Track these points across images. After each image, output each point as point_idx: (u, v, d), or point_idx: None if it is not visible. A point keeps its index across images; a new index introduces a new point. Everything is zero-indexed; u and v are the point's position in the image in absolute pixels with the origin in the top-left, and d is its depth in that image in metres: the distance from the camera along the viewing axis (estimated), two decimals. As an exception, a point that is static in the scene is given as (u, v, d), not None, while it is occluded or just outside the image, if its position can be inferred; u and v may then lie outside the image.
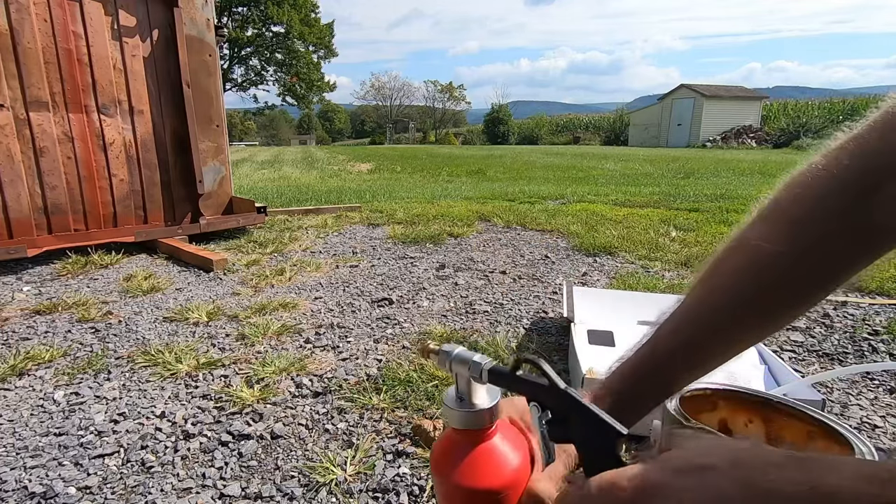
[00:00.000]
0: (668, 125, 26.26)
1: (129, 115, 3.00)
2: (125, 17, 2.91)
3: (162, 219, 3.20)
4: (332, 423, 1.24)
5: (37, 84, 2.64)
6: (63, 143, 2.77)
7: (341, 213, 4.29)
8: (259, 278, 2.42)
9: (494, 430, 0.42)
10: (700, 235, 3.26)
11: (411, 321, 1.89)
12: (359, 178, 8.58)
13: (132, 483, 1.04)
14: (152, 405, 1.32)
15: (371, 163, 13.19)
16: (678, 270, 2.52)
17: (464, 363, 0.41)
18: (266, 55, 40.19)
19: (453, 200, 5.05)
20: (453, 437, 0.42)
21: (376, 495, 1.00)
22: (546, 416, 0.39)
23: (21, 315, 1.98)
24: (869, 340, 1.70)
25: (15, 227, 2.64)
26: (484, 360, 0.41)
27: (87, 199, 2.88)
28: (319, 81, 41.62)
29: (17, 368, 1.50)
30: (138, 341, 1.73)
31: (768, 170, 8.90)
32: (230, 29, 35.88)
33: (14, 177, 2.61)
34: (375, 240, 3.30)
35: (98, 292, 2.25)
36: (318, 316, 1.96)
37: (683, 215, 4.02)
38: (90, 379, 1.47)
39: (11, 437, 1.20)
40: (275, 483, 1.04)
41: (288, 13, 36.93)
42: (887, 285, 2.21)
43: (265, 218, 3.49)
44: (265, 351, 1.64)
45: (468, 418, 0.41)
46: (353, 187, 6.72)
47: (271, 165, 12.34)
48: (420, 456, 1.11)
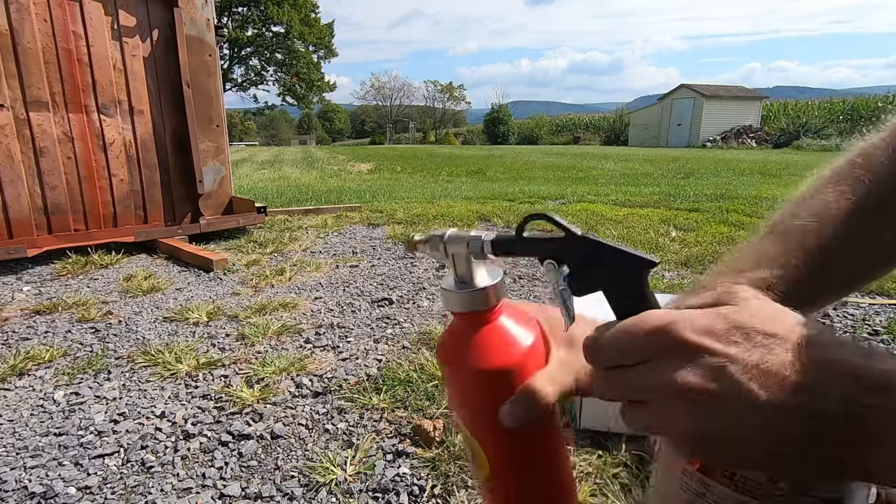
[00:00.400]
0: (668, 125, 26.26)
1: (129, 115, 3.00)
2: (125, 17, 2.91)
3: (162, 219, 3.20)
4: (332, 423, 1.24)
5: (37, 84, 2.64)
6: (63, 143, 2.77)
7: (341, 213, 4.29)
8: (259, 278, 2.42)
9: (500, 309, 0.40)
10: (700, 235, 3.26)
11: (411, 321, 1.89)
12: (359, 178, 8.58)
13: (132, 483, 1.04)
14: (152, 405, 1.32)
15: (371, 163, 13.19)
16: (678, 270, 2.52)
17: (461, 241, 0.39)
18: (266, 55, 40.20)
19: (453, 200, 5.05)
20: (457, 323, 0.40)
21: (376, 495, 1.00)
22: (563, 271, 0.36)
23: (21, 315, 1.98)
24: (869, 340, 1.70)
25: (15, 227, 2.64)
26: (483, 233, 0.39)
27: (87, 199, 2.87)
28: (319, 81, 41.63)
29: (17, 368, 1.50)
30: (138, 341, 1.73)
31: (768, 170, 8.90)
32: (230, 29, 35.88)
33: (14, 177, 2.61)
34: (375, 240, 3.30)
35: (98, 292, 2.25)
36: (318, 316, 1.96)
37: (683, 215, 4.02)
38: (90, 379, 1.47)
39: (11, 437, 1.20)
40: (275, 483, 1.04)
41: (288, 13, 36.93)
42: (887, 285, 2.20)
43: (265, 218, 3.49)
44: (265, 351, 1.64)
45: (472, 298, 0.38)
46: (353, 187, 6.72)
47: (271, 165, 12.34)
48: (420, 456, 1.11)
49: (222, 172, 3.44)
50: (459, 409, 0.41)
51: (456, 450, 1.10)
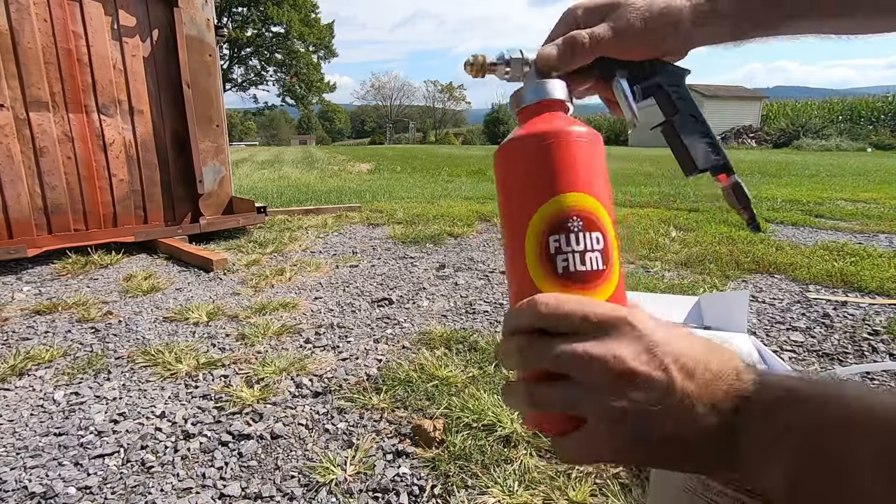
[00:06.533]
0: (668, 125, 26.22)
1: (129, 115, 3.00)
2: (125, 17, 2.91)
3: (162, 219, 3.20)
4: (332, 423, 1.24)
5: (37, 84, 2.64)
6: (63, 143, 2.77)
7: (341, 213, 4.29)
8: (259, 278, 2.42)
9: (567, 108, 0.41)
10: (700, 235, 3.26)
11: (411, 321, 1.89)
12: (359, 178, 8.58)
13: (132, 483, 1.04)
14: (152, 405, 1.32)
15: (371, 163, 13.18)
16: (678, 270, 2.52)
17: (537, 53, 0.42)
18: (266, 55, 40.21)
19: (453, 200, 5.05)
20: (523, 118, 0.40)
21: (376, 495, 1.00)
22: (625, 73, 0.42)
23: (21, 315, 1.98)
24: (869, 340, 1.70)
25: (15, 227, 2.64)
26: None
27: (87, 199, 2.87)
28: (319, 82, 41.64)
29: (17, 368, 1.50)
30: (138, 341, 1.73)
31: (768, 170, 8.90)
32: (230, 29, 35.89)
33: (14, 177, 2.61)
34: (375, 240, 3.30)
35: (98, 292, 2.25)
36: (318, 316, 1.96)
37: (683, 215, 4.02)
38: (90, 379, 1.47)
39: (11, 437, 1.20)
40: (275, 483, 1.04)
41: (288, 13, 36.94)
42: (887, 285, 2.21)
43: (265, 218, 3.49)
44: (265, 351, 1.64)
45: (548, 86, 0.40)
46: (353, 187, 6.72)
47: (271, 165, 12.34)
48: (420, 456, 1.11)
49: (222, 172, 3.44)
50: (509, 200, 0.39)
51: (456, 450, 1.10)
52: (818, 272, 2.40)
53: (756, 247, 2.94)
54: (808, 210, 4.37)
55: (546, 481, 1.01)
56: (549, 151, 0.36)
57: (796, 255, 2.74)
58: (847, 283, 2.28)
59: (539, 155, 0.36)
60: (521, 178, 0.37)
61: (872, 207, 4.55)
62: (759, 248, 2.89)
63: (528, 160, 0.36)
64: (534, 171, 0.36)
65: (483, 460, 1.08)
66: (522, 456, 1.08)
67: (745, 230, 3.43)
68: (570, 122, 0.37)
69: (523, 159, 0.37)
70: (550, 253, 0.35)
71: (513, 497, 0.97)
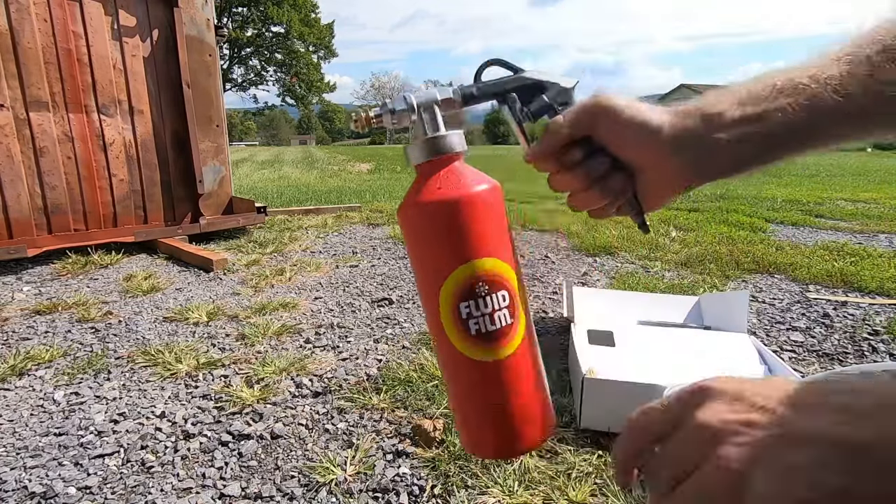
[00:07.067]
0: (668, 125, 26.25)
1: (129, 115, 3.00)
2: (125, 17, 2.90)
3: (162, 219, 3.20)
4: (332, 423, 1.24)
5: (37, 84, 2.64)
6: (63, 143, 2.77)
7: (341, 213, 4.29)
8: (259, 278, 2.42)
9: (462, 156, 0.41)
10: (700, 235, 3.26)
11: (411, 321, 1.89)
12: (359, 178, 8.58)
13: (132, 483, 1.04)
14: (152, 405, 1.32)
15: (371, 163, 13.18)
16: (678, 270, 2.52)
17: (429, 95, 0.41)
18: (266, 55, 40.22)
19: (453, 200, 5.05)
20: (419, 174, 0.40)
21: (376, 495, 1.00)
22: (513, 98, 0.43)
23: (21, 315, 1.98)
24: (869, 340, 1.70)
25: (15, 227, 2.64)
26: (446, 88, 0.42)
27: (87, 199, 2.87)
28: (319, 82, 41.65)
29: (17, 368, 1.50)
30: (138, 341, 1.73)
31: (768, 170, 8.89)
32: (230, 29, 35.89)
33: (14, 177, 2.61)
34: (375, 240, 3.30)
35: (98, 292, 2.25)
36: (318, 316, 1.96)
37: (683, 215, 4.03)
38: (90, 379, 1.47)
39: (11, 437, 1.20)
40: (275, 483, 1.04)
41: (288, 13, 36.96)
42: (887, 285, 2.21)
43: (265, 218, 3.49)
44: (265, 351, 1.64)
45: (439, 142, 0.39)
46: (353, 187, 6.72)
47: (271, 165, 12.34)
48: (420, 456, 1.11)
49: (222, 172, 3.44)
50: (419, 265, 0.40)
51: (456, 450, 1.10)
52: (818, 272, 2.40)
53: (756, 247, 2.94)
54: (808, 210, 4.37)
55: (546, 481, 1.01)
56: (454, 219, 0.37)
57: (796, 255, 2.74)
58: (847, 283, 2.28)
59: (444, 224, 0.37)
60: (429, 246, 0.38)
61: (872, 207, 4.55)
62: (759, 248, 2.89)
63: (435, 228, 0.38)
64: (440, 240, 0.37)
65: (483, 460, 1.08)
66: (522, 456, 1.08)
67: (745, 230, 3.43)
68: (470, 180, 0.39)
69: (430, 227, 0.38)
70: (462, 318, 0.37)
71: (513, 497, 0.97)
